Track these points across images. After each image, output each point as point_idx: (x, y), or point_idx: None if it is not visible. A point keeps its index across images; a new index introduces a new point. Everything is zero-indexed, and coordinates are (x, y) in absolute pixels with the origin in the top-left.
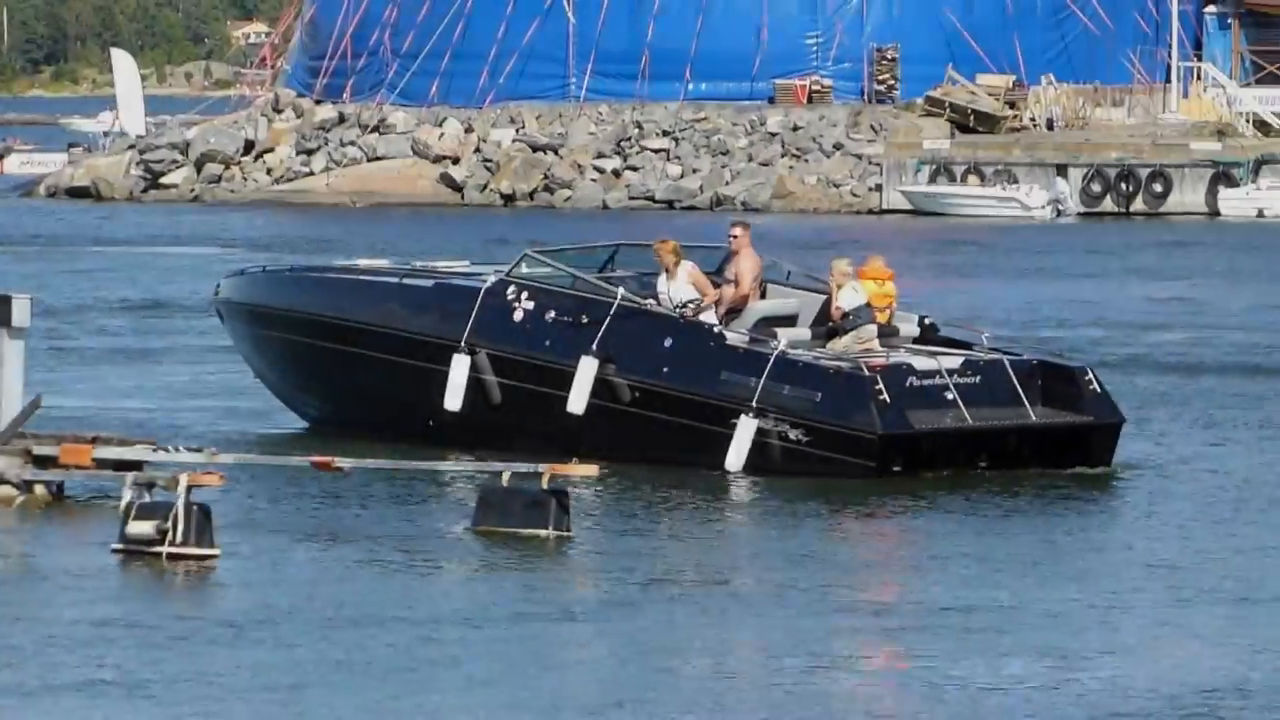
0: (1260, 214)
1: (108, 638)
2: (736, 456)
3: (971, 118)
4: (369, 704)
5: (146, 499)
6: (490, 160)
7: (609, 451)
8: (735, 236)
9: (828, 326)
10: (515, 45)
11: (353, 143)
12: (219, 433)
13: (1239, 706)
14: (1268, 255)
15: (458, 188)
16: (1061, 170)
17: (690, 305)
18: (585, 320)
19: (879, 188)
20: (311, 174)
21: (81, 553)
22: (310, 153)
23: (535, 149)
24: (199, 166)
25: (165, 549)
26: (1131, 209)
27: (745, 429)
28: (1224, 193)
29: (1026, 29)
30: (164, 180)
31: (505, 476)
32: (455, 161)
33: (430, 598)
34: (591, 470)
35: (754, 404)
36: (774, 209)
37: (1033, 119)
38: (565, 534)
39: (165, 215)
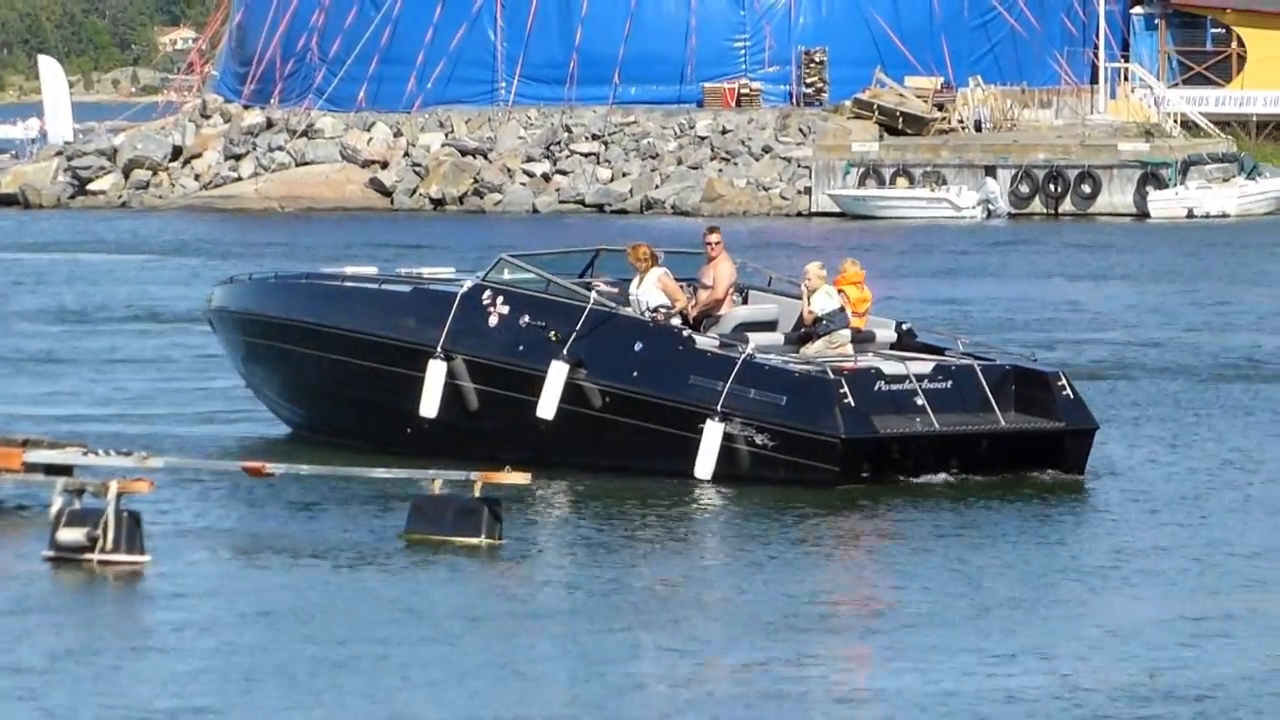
0: (1190, 214)
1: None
2: (705, 463)
3: (900, 120)
4: (289, 707)
5: (77, 505)
6: (419, 165)
7: (582, 458)
8: (711, 244)
9: (801, 331)
10: (443, 50)
11: (281, 148)
12: (146, 438)
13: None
14: (1206, 255)
15: (387, 192)
16: (990, 171)
17: (660, 310)
18: (557, 325)
19: (808, 190)
20: (240, 179)
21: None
22: (238, 158)
23: (464, 153)
24: (126, 173)
25: (95, 556)
26: (1060, 210)
27: (712, 434)
28: (1153, 194)
29: (954, 31)
30: (91, 187)
31: (437, 484)
32: (384, 166)
33: (357, 604)
34: (524, 478)
35: (719, 408)
36: (703, 212)
37: (961, 121)
38: (497, 542)
39: (92, 222)
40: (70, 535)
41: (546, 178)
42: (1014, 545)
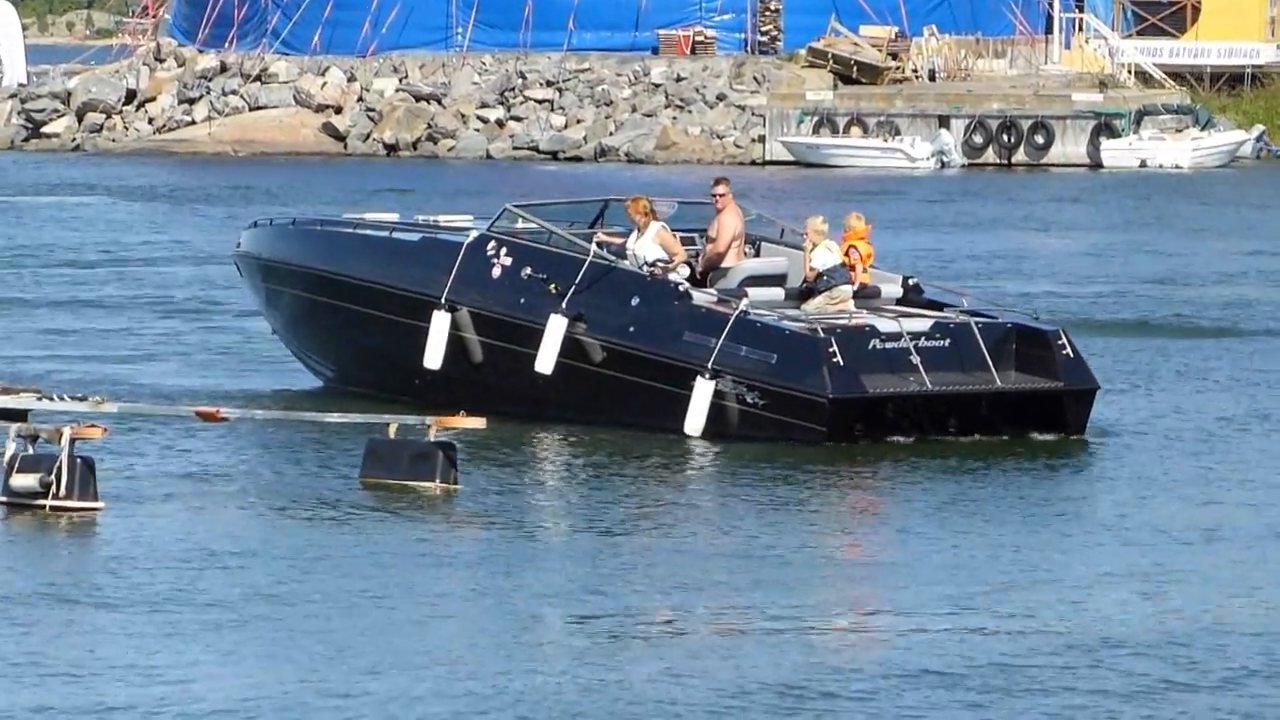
0: (1142, 164)
1: None
2: (695, 420)
3: (854, 69)
4: (240, 648)
5: (30, 451)
6: (373, 110)
7: (579, 413)
8: (717, 195)
9: (802, 287)
10: None
11: (235, 92)
12: (97, 382)
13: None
14: (1159, 207)
15: (340, 137)
16: (944, 121)
17: (659, 264)
18: (558, 277)
19: (762, 139)
20: (193, 123)
21: None
22: (192, 102)
23: (418, 99)
24: (80, 116)
25: (49, 502)
26: (1013, 160)
27: (702, 391)
28: (1106, 144)
29: None
30: (45, 130)
31: (393, 429)
32: (338, 111)
33: (310, 548)
34: (479, 423)
35: (710, 365)
36: (657, 160)
37: (915, 70)
38: (452, 487)
39: (45, 165)
40: (23, 481)
41: (500, 124)
42: (994, 507)
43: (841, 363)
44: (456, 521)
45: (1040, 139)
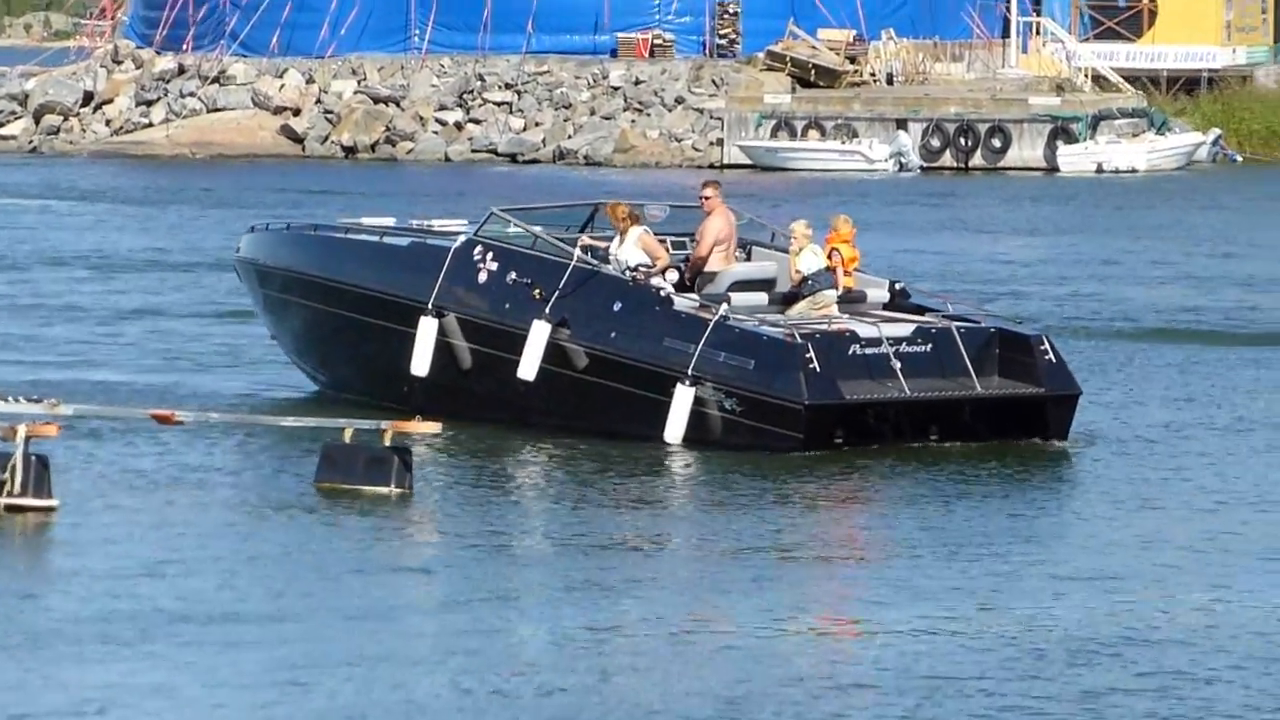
0: (1099, 169)
1: None
2: (675, 427)
3: (812, 72)
4: (188, 654)
5: None
6: (331, 112)
7: (563, 419)
8: (706, 198)
9: (786, 292)
10: None
11: (193, 94)
12: (56, 385)
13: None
14: (1114, 210)
15: (298, 139)
16: (901, 125)
17: (640, 269)
18: (542, 282)
19: (720, 142)
20: (151, 125)
21: None
22: (150, 104)
23: (377, 101)
24: (37, 118)
25: (3, 500)
26: (970, 164)
27: (682, 398)
28: (1063, 148)
29: None
30: (2, 132)
31: (348, 433)
32: (296, 113)
33: (264, 552)
34: (434, 428)
35: (690, 371)
36: (616, 163)
37: (873, 74)
38: (407, 491)
39: (1, 168)
40: None
41: (459, 126)
42: (973, 513)
43: (818, 369)
44: (409, 526)
45: (997, 142)
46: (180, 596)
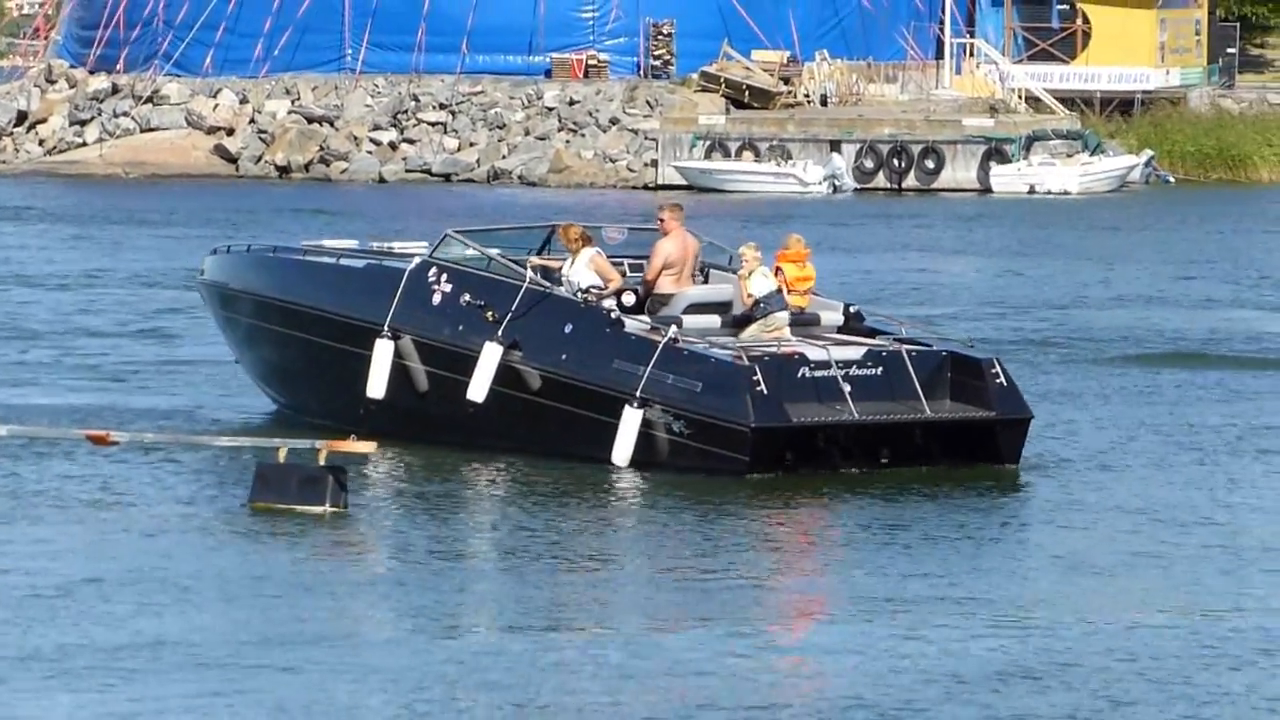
0: (1031, 190)
1: None
2: (622, 449)
3: (746, 94)
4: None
5: None
6: (265, 132)
7: (514, 442)
8: (662, 220)
9: (739, 315)
10: (291, 16)
11: (126, 114)
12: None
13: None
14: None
15: (232, 159)
16: (835, 146)
17: (592, 291)
18: (494, 304)
19: (655, 163)
20: (85, 145)
21: None
22: (83, 124)
23: (310, 121)
24: None
25: None
26: (904, 185)
27: (630, 420)
28: (995, 169)
29: (801, 5)
30: None
31: (282, 453)
32: (230, 133)
33: (198, 572)
34: (370, 447)
35: (638, 394)
36: (550, 183)
37: (807, 95)
38: (342, 511)
39: None
40: None
41: (393, 146)
42: (915, 537)
43: (765, 391)
44: (343, 546)
45: (931, 164)
46: (103, 619)
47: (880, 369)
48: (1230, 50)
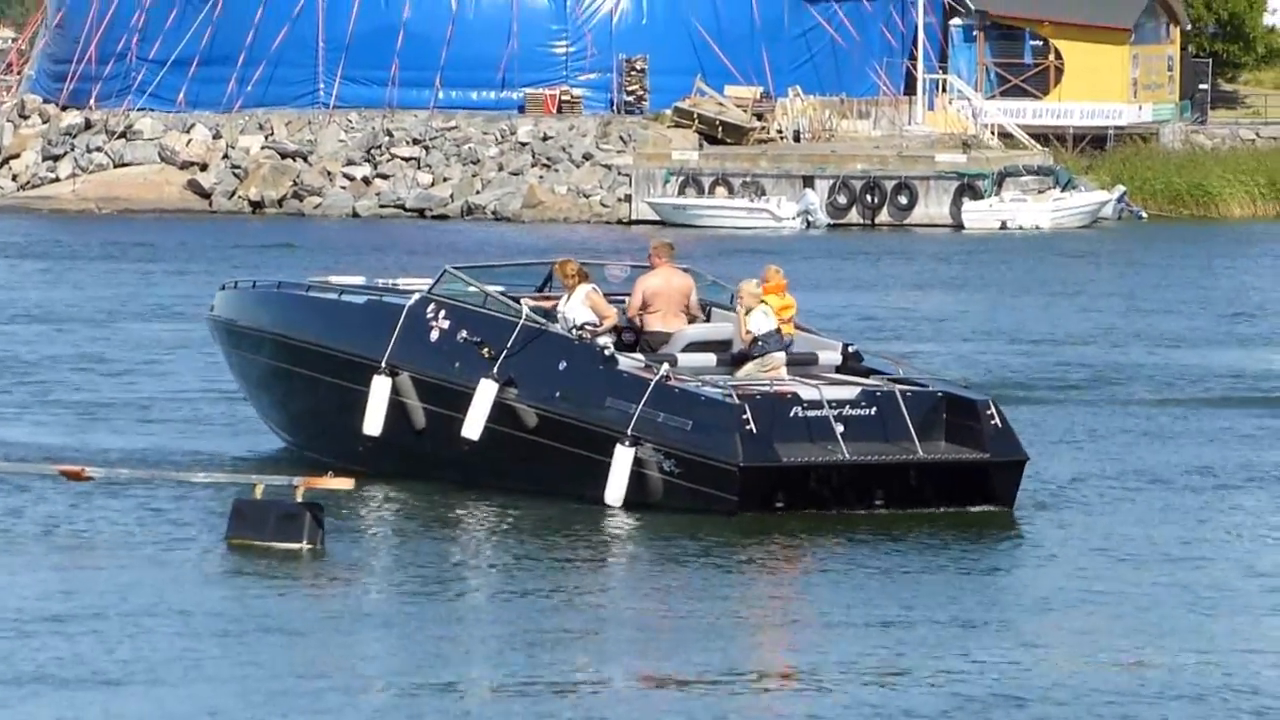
0: (1003, 225)
1: None
2: (615, 489)
3: (720, 129)
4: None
5: None
6: (239, 167)
7: (511, 481)
8: (649, 255)
9: (736, 353)
10: (264, 51)
11: (99, 149)
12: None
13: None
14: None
15: (205, 194)
16: (808, 181)
17: (587, 328)
18: (491, 341)
19: (628, 198)
20: (58, 180)
21: None
22: (56, 159)
23: (284, 156)
24: None
25: None
26: (877, 220)
27: (622, 459)
28: (967, 205)
29: (774, 41)
30: None
31: (259, 489)
32: (203, 168)
33: (175, 609)
34: (347, 484)
35: (630, 432)
36: (524, 218)
37: (780, 131)
38: (318, 548)
39: None
40: None
41: (367, 181)
42: (904, 579)
43: (755, 431)
44: (319, 583)
45: (904, 199)
46: (78, 654)
47: (874, 409)
48: (1203, 86)
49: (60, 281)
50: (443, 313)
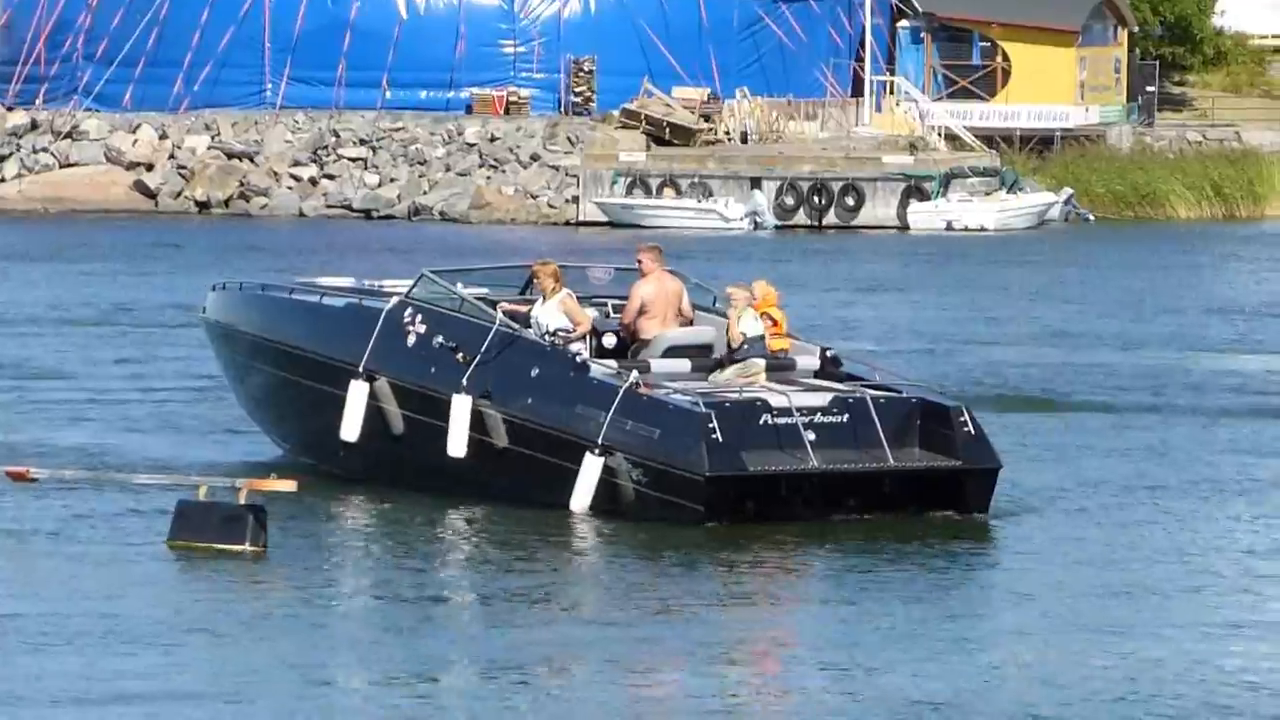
0: (949, 227)
1: None
2: (580, 497)
3: (667, 130)
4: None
5: None
6: (185, 167)
7: (487, 489)
8: (640, 262)
9: (716, 358)
10: (211, 52)
11: (45, 149)
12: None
13: None
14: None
15: (151, 195)
16: (756, 183)
17: (560, 334)
18: (465, 346)
19: (576, 199)
20: (3, 180)
21: None
22: (2, 159)
23: (230, 156)
24: None
25: None
26: (824, 222)
27: (590, 467)
28: (913, 206)
29: (722, 42)
30: None
31: (202, 490)
32: (149, 168)
33: (114, 611)
34: (290, 485)
35: (600, 440)
36: (472, 219)
37: (727, 132)
38: (261, 550)
39: None
40: None
41: (314, 182)
42: (870, 587)
43: (721, 439)
44: (261, 585)
45: (851, 201)
46: (11, 659)
47: (846, 416)
48: (1150, 88)
49: (2, 282)
50: (419, 317)
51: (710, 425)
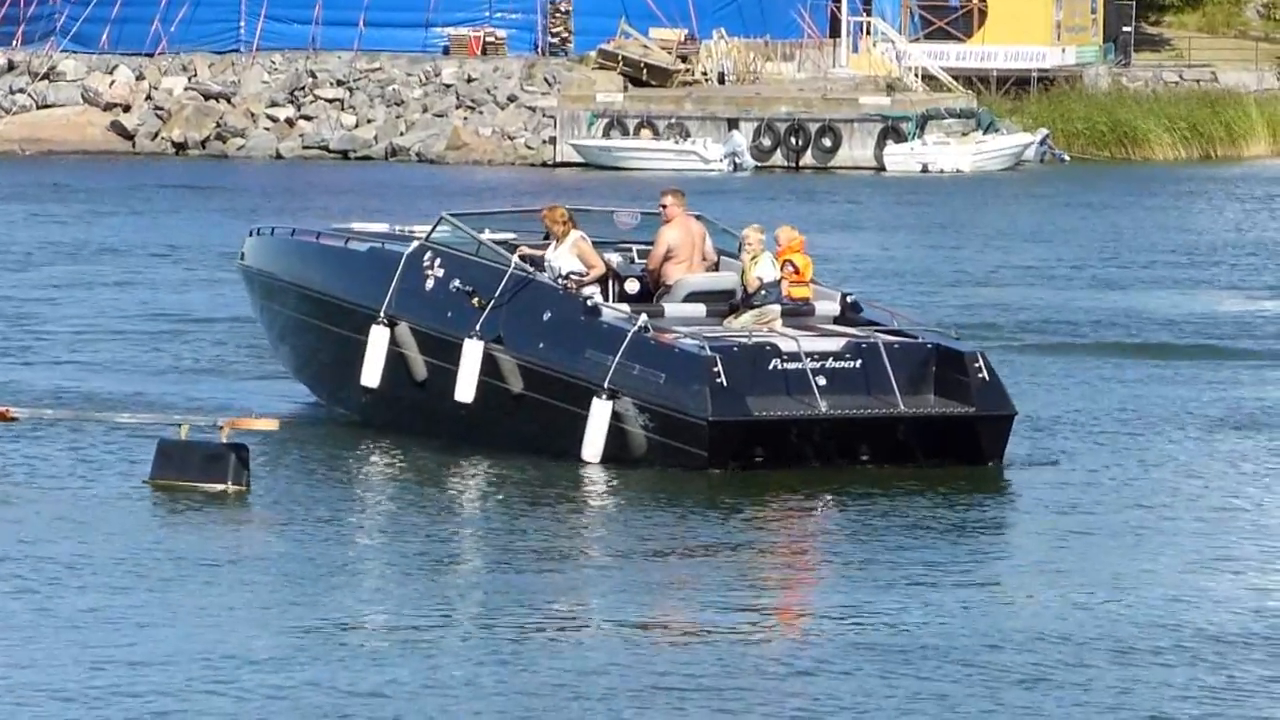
0: (924, 169)
1: None
2: (592, 444)
3: (644, 71)
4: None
5: None
6: (161, 108)
7: (500, 436)
8: (664, 206)
9: (731, 302)
10: None
11: (22, 90)
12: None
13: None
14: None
15: (128, 136)
16: (733, 124)
17: (572, 277)
18: (481, 290)
19: (553, 140)
20: None
21: None
22: None
23: (207, 97)
24: None
25: None
26: (801, 163)
27: (599, 413)
28: (889, 148)
29: None
30: None
31: (184, 429)
32: (126, 109)
33: (95, 548)
34: (272, 424)
35: (607, 385)
36: (449, 160)
37: (704, 73)
38: (243, 488)
39: None
40: None
41: (290, 123)
42: (874, 534)
43: (726, 384)
44: (244, 524)
45: (828, 142)
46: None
47: (859, 361)
48: (1126, 29)
49: None
50: (438, 260)
51: (715, 369)
